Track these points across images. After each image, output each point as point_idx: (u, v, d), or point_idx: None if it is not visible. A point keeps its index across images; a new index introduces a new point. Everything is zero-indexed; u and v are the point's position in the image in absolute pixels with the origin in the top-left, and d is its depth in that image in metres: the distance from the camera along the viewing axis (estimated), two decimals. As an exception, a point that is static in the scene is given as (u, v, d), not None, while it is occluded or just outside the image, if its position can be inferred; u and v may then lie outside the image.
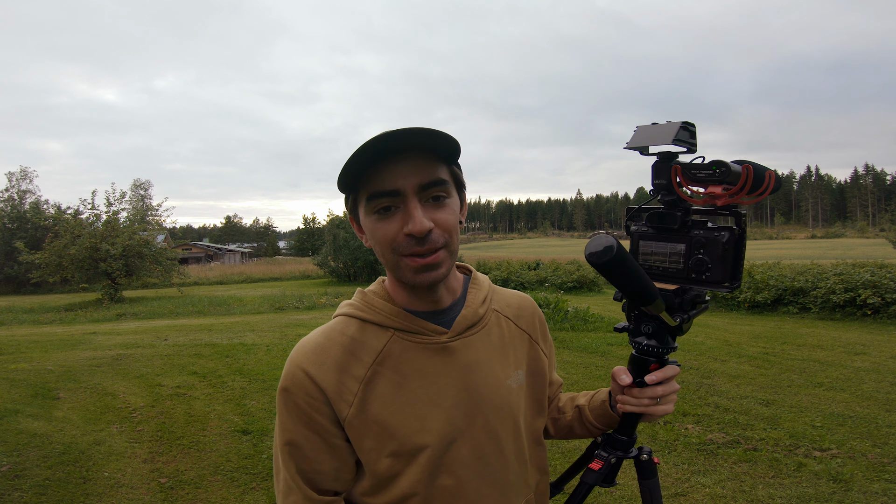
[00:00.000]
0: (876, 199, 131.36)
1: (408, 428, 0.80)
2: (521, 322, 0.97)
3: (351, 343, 0.83)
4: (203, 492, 3.25)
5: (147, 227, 19.23)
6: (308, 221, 48.96)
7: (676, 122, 0.74)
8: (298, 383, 0.81)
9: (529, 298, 1.03)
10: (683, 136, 0.74)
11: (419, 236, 0.76)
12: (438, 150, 0.79)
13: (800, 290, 9.58)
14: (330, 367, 0.81)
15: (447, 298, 0.88)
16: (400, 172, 0.76)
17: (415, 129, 0.72)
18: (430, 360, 0.83)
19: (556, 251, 44.22)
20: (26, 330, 11.13)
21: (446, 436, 0.82)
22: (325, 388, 0.80)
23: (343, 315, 0.88)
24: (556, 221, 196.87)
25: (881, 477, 3.13)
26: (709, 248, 0.73)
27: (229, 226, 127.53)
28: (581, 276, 15.23)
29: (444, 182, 0.79)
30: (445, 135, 0.75)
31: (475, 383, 0.85)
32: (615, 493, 3.04)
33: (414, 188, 0.77)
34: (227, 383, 5.58)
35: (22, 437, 4.09)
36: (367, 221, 0.82)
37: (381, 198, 0.77)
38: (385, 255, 0.80)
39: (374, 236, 0.81)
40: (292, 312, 12.40)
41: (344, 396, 0.81)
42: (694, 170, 0.75)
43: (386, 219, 0.78)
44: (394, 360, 0.82)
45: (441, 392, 0.83)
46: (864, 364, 5.67)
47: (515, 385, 0.91)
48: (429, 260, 0.77)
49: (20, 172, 34.36)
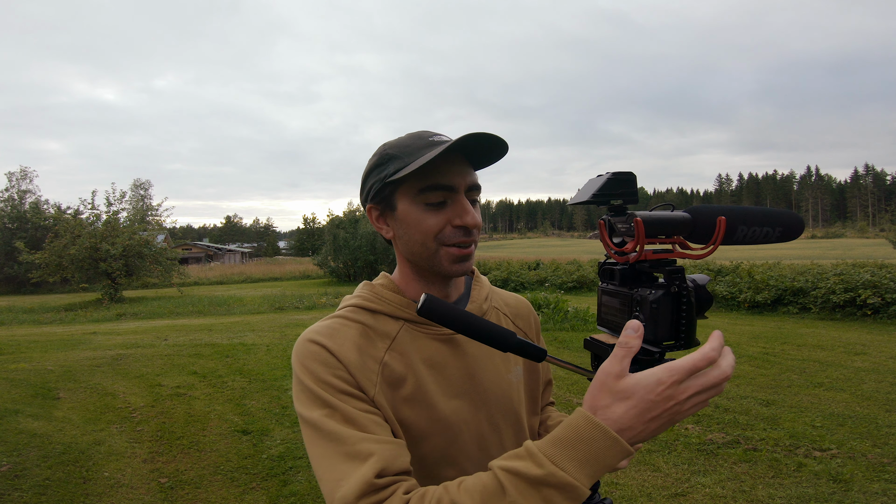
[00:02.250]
0: (876, 199, 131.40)
1: (418, 417, 0.81)
2: (518, 321, 1.01)
3: (364, 328, 0.83)
4: (203, 492, 3.25)
5: (147, 227, 19.26)
6: (308, 221, 49.03)
7: (605, 175, 0.70)
8: (320, 357, 0.76)
9: (526, 300, 1.07)
10: (610, 189, 0.68)
11: (472, 228, 0.82)
12: (493, 160, 0.87)
13: (800, 290, 9.58)
14: (349, 346, 0.79)
15: (454, 293, 0.91)
16: (458, 170, 0.82)
17: (499, 137, 0.78)
18: (439, 350, 0.85)
19: (556, 251, 44.24)
20: (26, 330, 11.14)
21: (452, 426, 0.83)
22: (348, 364, 0.76)
23: (352, 305, 0.87)
24: (556, 221, 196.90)
25: (881, 477, 3.13)
26: (642, 307, 0.67)
27: (229, 226, 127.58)
28: (581, 276, 15.22)
29: (480, 188, 0.86)
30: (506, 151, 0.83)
31: (480, 375, 0.87)
32: (615, 493, 3.04)
33: (464, 187, 0.82)
34: (227, 383, 5.58)
35: (22, 437, 4.09)
36: (411, 210, 0.83)
37: (438, 191, 0.81)
38: (426, 243, 0.83)
39: (419, 225, 0.82)
40: (292, 312, 12.41)
41: (368, 375, 0.78)
42: (618, 223, 0.70)
43: (436, 211, 0.82)
44: (405, 348, 0.83)
45: (449, 382, 0.84)
46: (864, 364, 5.67)
47: (515, 380, 0.93)
48: (466, 251, 0.83)
49: (20, 172, 34.39)
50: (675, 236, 0.67)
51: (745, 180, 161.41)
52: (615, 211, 0.70)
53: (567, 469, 0.58)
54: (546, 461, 0.58)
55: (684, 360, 0.59)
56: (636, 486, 3.11)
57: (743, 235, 0.66)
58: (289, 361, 6.42)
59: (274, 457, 3.70)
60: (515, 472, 0.60)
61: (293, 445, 3.87)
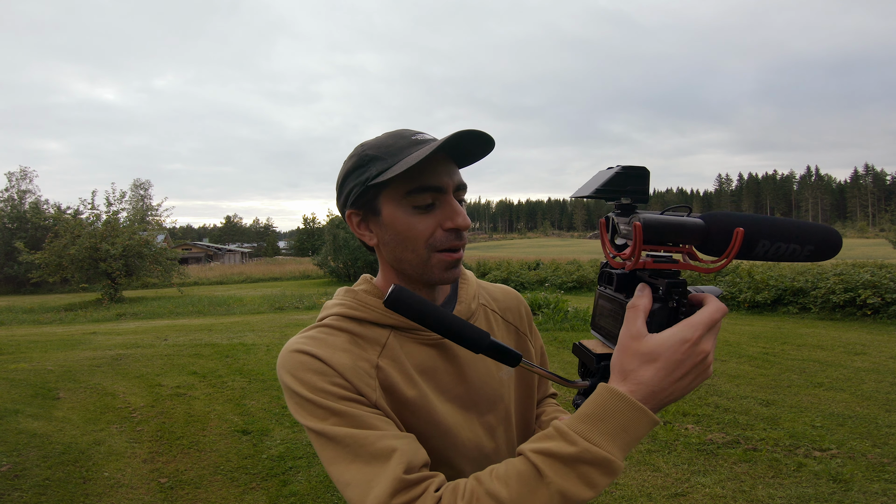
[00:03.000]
0: (876, 199, 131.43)
1: (417, 422, 0.79)
2: (508, 315, 0.98)
3: (351, 336, 0.79)
4: (203, 492, 3.25)
5: (147, 227, 19.24)
6: (308, 221, 48.94)
7: (614, 168, 0.64)
8: (312, 367, 0.72)
9: (514, 291, 1.04)
10: (618, 184, 0.62)
11: (464, 230, 0.79)
12: (478, 158, 0.83)
13: (800, 291, 9.58)
14: (340, 353, 0.75)
15: (440, 296, 0.89)
16: (445, 170, 0.78)
17: (487, 134, 0.74)
18: (429, 356, 0.83)
19: (556, 251, 44.25)
20: (26, 330, 11.13)
21: (450, 429, 0.82)
22: (343, 371, 0.72)
23: (336, 315, 0.82)
24: (556, 221, 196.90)
25: (881, 477, 3.13)
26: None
27: (229, 226, 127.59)
28: (581, 276, 15.22)
29: (466, 186, 0.83)
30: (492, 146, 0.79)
31: (471, 377, 0.85)
32: (615, 492, 3.04)
33: (452, 187, 0.79)
34: (227, 383, 5.58)
35: (22, 437, 4.09)
36: (398, 214, 0.78)
37: (427, 192, 0.77)
38: (416, 250, 0.78)
39: (409, 231, 0.78)
40: (292, 312, 12.40)
41: (365, 381, 0.74)
42: (621, 223, 0.63)
43: (425, 214, 0.78)
44: (395, 355, 0.80)
45: (442, 386, 0.83)
46: (864, 364, 5.67)
47: (506, 377, 0.92)
48: (458, 256, 0.80)
49: (20, 172, 34.42)
50: (683, 245, 0.61)
51: (745, 180, 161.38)
52: (622, 210, 0.63)
53: (600, 444, 0.57)
54: (578, 438, 0.58)
55: (702, 314, 0.59)
56: (636, 486, 3.11)
57: (764, 251, 0.59)
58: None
59: (274, 457, 3.70)
60: (549, 452, 0.59)
61: (293, 445, 3.87)
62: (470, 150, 0.79)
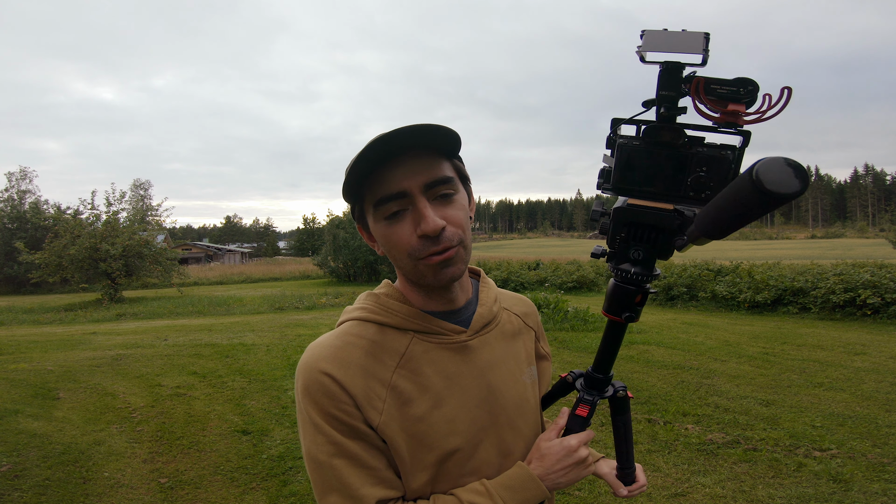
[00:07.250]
0: (876, 199, 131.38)
1: (438, 432, 0.78)
2: (528, 320, 0.99)
3: (371, 346, 0.80)
4: (203, 492, 3.25)
5: (147, 227, 19.22)
6: (308, 221, 48.92)
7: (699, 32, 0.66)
8: (326, 390, 0.75)
9: (527, 298, 1.06)
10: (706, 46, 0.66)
11: (433, 235, 0.74)
12: (439, 145, 0.76)
13: (800, 291, 9.58)
14: (355, 371, 0.77)
15: (462, 297, 0.87)
16: (403, 174, 0.74)
17: (411, 126, 0.70)
18: (452, 360, 0.82)
19: (556, 251, 44.22)
20: (26, 330, 11.13)
21: (474, 437, 0.81)
22: (355, 395, 0.76)
23: (356, 319, 0.83)
24: (556, 221, 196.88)
25: (881, 477, 3.13)
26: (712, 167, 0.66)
27: (229, 226, 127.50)
28: (581, 276, 15.23)
29: (449, 179, 0.77)
30: (444, 128, 0.72)
31: (495, 381, 0.85)
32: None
33: (420, 188, 0.74)
34: (226, 383, 5.58)
35: (22, 437, 4.09)
36: (377, 229, 0.79)
37: (389, 202, 0.75)
38: (402, 261, 0.78)
39: (387, 243, 0.78)
40: (292, 312, 12.40)
41: (373, 403, 0.77)
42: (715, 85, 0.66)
43: (397, 223, 0.76)
44: (417, 363, 0.80)
45: (465, 392, 0.82)
46: (864, 364, 5.67)
47: (529, 381, 0.91)
48: (443, 256, 0.75)
49: (20, 172, 34.37)
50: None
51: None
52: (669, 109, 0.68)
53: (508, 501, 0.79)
54: (500, 501, 0.78)
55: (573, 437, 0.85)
56: (636, 486, 3.10)
57: None
58: (289, 361, 6.42)
59: (274, 457, 3.70)
60: None
61: (293, 446, 3.87)
62: (413, 143, 0.73)
